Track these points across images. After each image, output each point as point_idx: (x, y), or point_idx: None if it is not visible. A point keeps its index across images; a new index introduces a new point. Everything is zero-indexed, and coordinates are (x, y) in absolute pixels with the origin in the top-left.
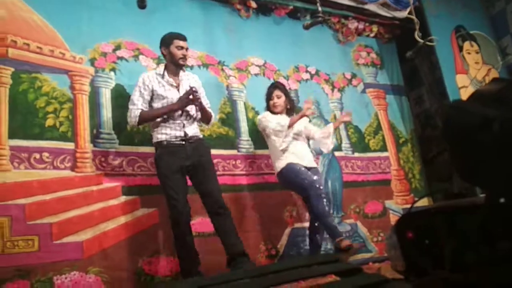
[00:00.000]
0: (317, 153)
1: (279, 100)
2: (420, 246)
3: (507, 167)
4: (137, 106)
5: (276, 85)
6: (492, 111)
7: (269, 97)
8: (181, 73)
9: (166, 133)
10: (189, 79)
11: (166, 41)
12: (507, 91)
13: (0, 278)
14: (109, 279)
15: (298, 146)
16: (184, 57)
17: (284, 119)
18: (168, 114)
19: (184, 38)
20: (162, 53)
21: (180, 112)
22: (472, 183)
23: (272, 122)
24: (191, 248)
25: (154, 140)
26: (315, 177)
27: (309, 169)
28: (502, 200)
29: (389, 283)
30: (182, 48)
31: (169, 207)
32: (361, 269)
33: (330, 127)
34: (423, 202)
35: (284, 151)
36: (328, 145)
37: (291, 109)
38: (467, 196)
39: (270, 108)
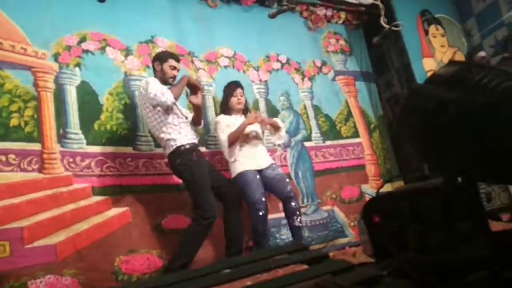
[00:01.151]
0: (285, 146)
1: (242, 98)
2: (386, 229)
3: (462, 148)
4: (164, 88)
5: (238, 84)
6: (449, 94)
7: (230, 93)
8: None
9: (184, 137)
10: None
11: (161, 58)
12: (463, 73)
13: None
14: (86, 280)
15: (250, 150)
16: (174, 78)
17: (236, 121)
18: (183, 88)
19: (178, 59)
20: (154, 67)
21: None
22: (430, 164)
23: (223, 134)
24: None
25: (175, 146)
26: (256, 196)
27: (263, 170)
28: (458, 181)
29: (354, 269)
30: (174, 68)
31: (207, 209)
32: (328, 256)
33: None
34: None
35: (238, 150)
36: (281, 137)
37: (246, 109)
38: (429, 179)
39: (230, 105)
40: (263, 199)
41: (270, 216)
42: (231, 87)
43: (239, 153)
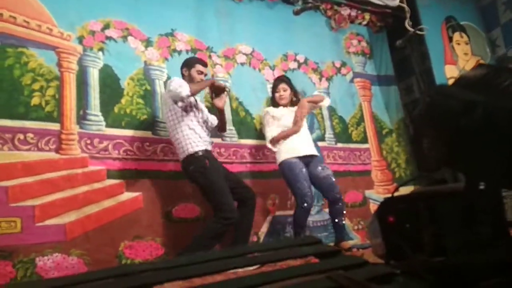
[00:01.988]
0: None
1: (285, 93)
2: (401, 230)
3: (488, 153)
4: (184, 82)
5: (282, 79)
6: (476, 96)
7: (274, 89)
8: None
9: (197, 144)
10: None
11: (189, 64)
12: (491, 77)
13: None
14: (91, 261)
15: (294, 138)
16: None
17: (284, 112)
18: (204, 88)
19: (205, 64)
20: (182, 73)
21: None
22: (453, 168)
23: (269, 129)
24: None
25: (187, 153)
26: (305, 189)
27: (307, 158)
28: (481, 186)
29: (367, 265)
30: (201, 73)
31: (227, 210)
32: (341, 251)
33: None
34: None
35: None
36: (327, 102)
37: (297, 100)
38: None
39: (275, 100)
40: (310, 192)
41: (278, 213)
42: (275, 83)
43: (283, 141)
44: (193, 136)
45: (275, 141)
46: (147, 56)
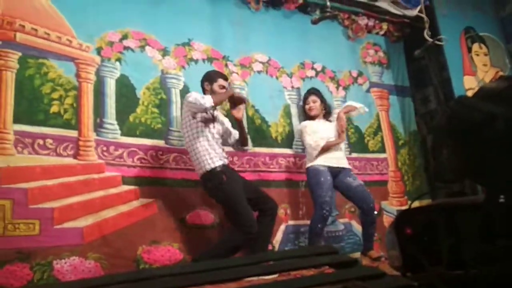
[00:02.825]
0: None
1: (315, 104)
2: (418, 242)
3: (508, 166)
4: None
5: (311, 91)
6: (498, 108)
7: (304, 102)
8: None
9: (214, 160)
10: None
11: (211, 78)
12: None
13: (0, 260)
14: (109, 265)
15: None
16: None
17: (320, 125)
18: (225, 99)
19: (226, 78)
20: (204, 88)
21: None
22: (473, 180)
23: (310, 138)
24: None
25: (204, 170)
26: (326, 197)
27: (337, 169)
28: (501, 199)
29: (384, 276)
30: (223, 87)
31: (248, 225)
32: (358, 262)
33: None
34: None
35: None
36: (362, 109)
37: (328, 113)
38: (467, 195)
39: (306, 113)
40: (330, 201)
41: (290, 223)
42: (305, 95)
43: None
44: (211, 152)
45: (318, 149)
46: (164, 64)
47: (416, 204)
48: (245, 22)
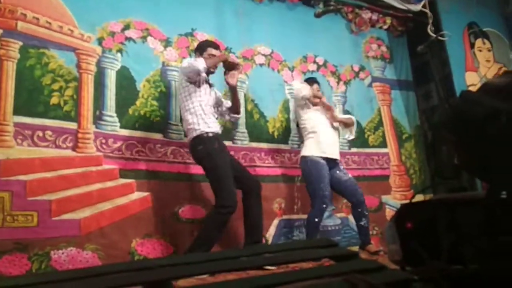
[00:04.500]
0: None
1: (318, 93)
2: (419, 236)
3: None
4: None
5: (315, 80)
6: (501, 104)
7: (310, 84)
8: None
9: (209, 125)
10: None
11: (201, 48)
12: None
13: None
14: (105, 256)
15: (326, 134)
16: (215, 66)
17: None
18: (218, 62)
19: (217, 47)
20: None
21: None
22: (475, 175)
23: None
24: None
25: (198, 132)
26: (327, 192)
27: (331, 162)
28: (503, 195)
29: (384, 269)
30: (214, 56)
31: (226, 198)
32: (358, 255)
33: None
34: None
35: (310, 135)
36: (352, 133)
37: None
38: (468, 190)
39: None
40: (329, 195)
41: (284, 217)
42: (308, 83)
43: (309, 136)
44: (204, 117)
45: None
46: (166, 56)
47: (421, 197)
48: (249, 13)
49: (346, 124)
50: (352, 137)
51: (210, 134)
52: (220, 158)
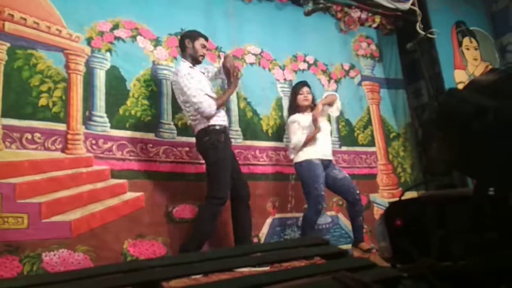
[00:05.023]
0: None
1: (309, 96)
2: (408, 233)
3: (499, 158)
4: (208, 94)
5: (305, 83)
6: (487, 101)
7: (297, 91)
8: None
9: (219, 115)
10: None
11: (193, 36)
12: (503, 81)
13: None
14: (97, 257)
15: (317, 140)
16: (203, 56)
17: (309, 119)
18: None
19: (207, 38)
20: (184, 45)
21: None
22: (463, 172)
23: (295, 136)
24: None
25: (206, 125)
26: (322, 191)
27: (326, 162)
28: (491, 191)
29: (374, 267)
30: (204, 47)
31: (219, 190)
32: (348, 253)
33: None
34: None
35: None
36: (338, 108)
37: (314, 106)
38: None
39: (297, 103)
40: (324, 195)
41: (277, 216)
42: (298, 86)
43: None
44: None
45: (298, 148)
46: (156, 55)
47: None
48: (238, 12)
49: (330, 104)
50: (337, 113)
51: (217, 127)
52: (223, 152)
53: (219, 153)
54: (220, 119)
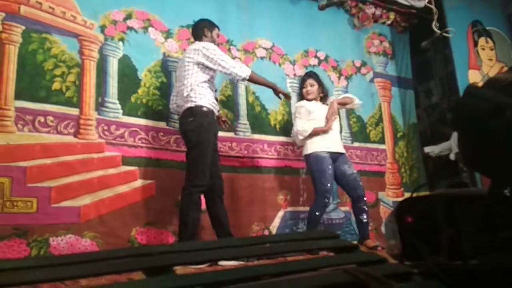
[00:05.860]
0: None
1: (312, 88)
2: (419, 231)
3: None
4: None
5: (309, 74)
6: (506, 99)
7: (302, 85)
8: None
9: (209, 98)
10: None
11: (212, 25)
12: None
13: None
14: (104, 244)
15: (330, 131)
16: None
17: (316, 107)
18: (264, 84)
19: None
20: (203, 33)
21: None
22: (478, 171)
23: (301, 123)
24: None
25: (192, 104)
26: (328, 185)
27: (335, 155)
28: (506, 192)
29: (385, 262)
30: (219, 36)
31: (199, 177)
32: (358, 247)
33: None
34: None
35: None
36: (357, 104)
37: (325, 96)
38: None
39: (303, 95)
40: (332, 189)
41: (289, 209)
42: (303, 78)
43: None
44: (206, 93)
45: (305, 134)
46: (167, 47)
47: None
48: (251, 5)
49: (344, 104)
50: (359, 107)
51: (205, 109)
52: (205, 136)
53: (200, 136)
54: (208, 102)
